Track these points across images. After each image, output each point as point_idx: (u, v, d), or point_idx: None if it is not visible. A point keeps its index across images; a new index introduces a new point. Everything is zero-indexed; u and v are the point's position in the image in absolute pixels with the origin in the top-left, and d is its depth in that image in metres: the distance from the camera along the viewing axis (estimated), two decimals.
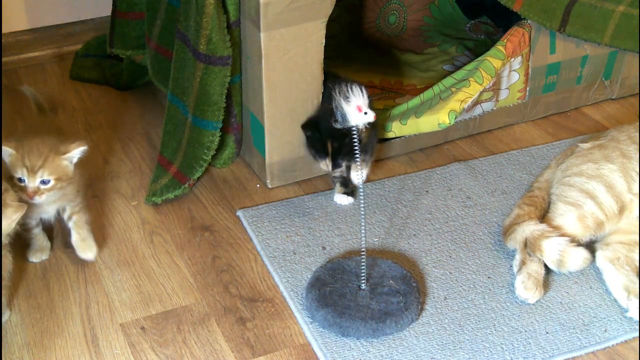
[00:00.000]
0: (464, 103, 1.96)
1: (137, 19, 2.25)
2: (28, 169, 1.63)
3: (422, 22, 2.64)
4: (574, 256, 1.71)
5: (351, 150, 1.75)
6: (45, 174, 1.64)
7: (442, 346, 1.60)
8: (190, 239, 1.87)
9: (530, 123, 2.28)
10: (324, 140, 1.83)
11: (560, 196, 1.83)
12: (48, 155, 1.65)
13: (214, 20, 1.81)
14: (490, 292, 1.73)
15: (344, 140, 1.79)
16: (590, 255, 1.73)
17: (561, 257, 1.71)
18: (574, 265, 1.72)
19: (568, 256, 1.71)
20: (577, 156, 1.89)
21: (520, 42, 2.09)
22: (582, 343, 1.61)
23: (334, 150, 1.83)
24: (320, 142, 1.85)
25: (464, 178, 2.05)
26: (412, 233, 1.88)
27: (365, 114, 1.50)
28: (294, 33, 1.83)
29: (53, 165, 1.65)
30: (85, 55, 2.54)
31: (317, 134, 1.85)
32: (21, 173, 1.63)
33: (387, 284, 1.69)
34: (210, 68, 1.86)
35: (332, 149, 1.83)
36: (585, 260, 1.72)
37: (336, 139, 1.81)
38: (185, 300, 1.71)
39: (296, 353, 1.60)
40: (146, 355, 1.59)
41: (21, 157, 1.63)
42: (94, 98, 2.40)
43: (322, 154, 1.86)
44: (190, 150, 1.96)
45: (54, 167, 1.65)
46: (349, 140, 1.75)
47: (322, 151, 1.85)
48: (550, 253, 1.71)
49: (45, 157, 1.64)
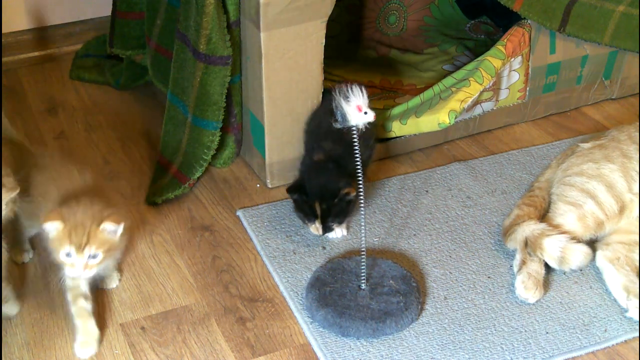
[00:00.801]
0: (464, 103, 1.96)
1: (137, 19, 2.25)
2: (76, 246, 1.50)
3: (422, 22, 2.64)
4: (576, 252, 1.71)
5: (342, 211, 1.77)
6: (93, 249, 1.51)
7: (442, 346, 1.60)
8: (190, 239, 1.87)
9: (530, 123, 2.28)
10: (311, 202, 1.77)
11: (560, 196, 1.83)
12: (92, 229, 1.50)
13: (214, 20, 1.81)
14: (490, 292, 1.73)
15: (332, 200, 1.75)
16: (591, 250, 1.73)
17: (563, 254, 1.70)
18: (576, 262, 1.71)
19: (570, 252, 1.70)
20: (578, 156, 1.89)
21: (520, 42, 2.09)
22: (582, 343, 1.61)
23: (323, 212, 1.76)
24: (308, 205, 1.77)
25: (464, 178, 2.05)
26: (412, 233, 1.88)
27: (365, 113, 1.50)
28: (294, 33, 1.83)
29: (99, 239, 1.51)
30: (85, 55, 2.54)
31: (304, 196, 1.77)
32: (69, 249, 1.50)
33: (387, 284, 1.69)
34: (210, 68, 1.86)
35: (321, 210, 1.76)
36: (586, 255, 1.71)
37: (324, 200, 1.75)
38: (185, 300, 1.71)
39: (296, 353, 1.60)
40: (146, 355, 1.59)
41: (68, 233, 1.50)
42: (94, 98, 2.40)
43: (311, 217, 1.78)
44: (191, 150, 1.96)
45: (100, 241, 1.51)
46: (338, 200, 1.75)
47: (310, 214, 1.78)
48: (552, 250, 1.71)
49: (89, 231, 1.50)
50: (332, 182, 1.75)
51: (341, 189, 1.73)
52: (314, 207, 1.76)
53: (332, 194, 1.74)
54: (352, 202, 1.77)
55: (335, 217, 1.77)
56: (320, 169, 1.80)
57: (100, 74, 2.46)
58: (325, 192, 1.75)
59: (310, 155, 1.86)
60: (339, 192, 1.74)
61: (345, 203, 1.76)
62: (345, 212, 1.79)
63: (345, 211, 1.78)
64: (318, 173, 1.79)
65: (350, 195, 1.74)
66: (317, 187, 1.76)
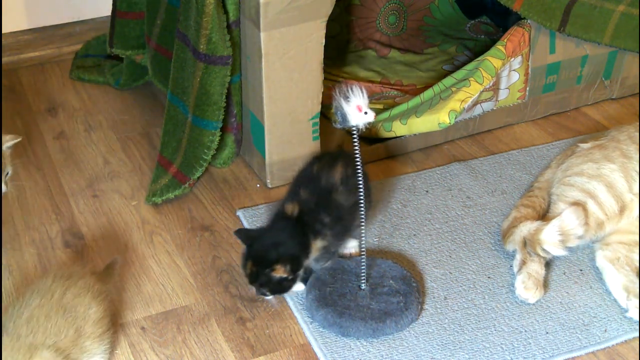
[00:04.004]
0: (464, 103, 1.96)
1: (137, 19, 2.25)
2: None
3: (422, 22, 2.64)
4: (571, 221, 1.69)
5: (270, 283, 1.60)
6: None
7: (442, 346, 1.60)
8: (190, 239, 1.87)
9: (530, 123, 2.27)
10: (246, 257, 1.64)
11: (560, 196, 1.83)
12: None
13: (214, 20, 1.81)
14: (490, 292, 1.73)
15: (263, 270, 1.60)
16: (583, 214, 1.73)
17: (561, 234, 1.69)
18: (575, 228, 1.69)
19: (566, 226, 1.69)
20: (578, 156, 1.89)
21: (520, 42, 2.09)
22: (582, 343, 1.61)
23: (252, 275, 1.62)
24: (244, 257, 1.64)
25: (464, 178, 2.05)
26: (412, 233, 1.88)
27: (365, 113, 1.50)
28: (294, 33, 1.83)
29: None
30: (85, 55, 2.54)
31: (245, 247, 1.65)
32: None
33: (387, 284, 1.69)
34: (210, 68, 1.86)
35: (251, 272, 1.62)
36: (581, 216, 1.70)
37: (256, 265, 1.61)
38: (185, 300, 1.71)
39: (296, 353, 1.60)
40: (146, 355, 1.59)
41: None
42: (94, 98, 2.40)
43: (244, 269, 1.65)
44: (191, 150, 1.96)
45: None
46: (269, 273, 1.59)
47: (243, 267, 1.65)
48: (551, 238, 1.69)
49: None
50: (273, 252, 1.61)
51: (274, 263, 1.59)
52: (246, 264, 1.63)
53: (265, 264, 1.60)
54: (284, 281, 1.61)
55: (263, 286, 1.62)
56: (279, 227, 1.65)
57: (100, 74, 2.46)
58: (260, 258, 1.61)
59: (284, 202, 1.71)
60: (271, 265, 1.59)
61: (276, 279, 1.61)
62: (276, 289, 1.63)
63: (276, 288, 1.63)
64: (272, 230, 1.65)
65: (277, 276, 1.60)
66: (258, 248, 1.62)
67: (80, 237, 1.87)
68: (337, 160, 1.71)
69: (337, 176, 1.68)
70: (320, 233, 1.66)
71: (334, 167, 1.69)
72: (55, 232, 1.88)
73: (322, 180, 1.69)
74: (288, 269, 1.60)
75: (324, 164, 1.72)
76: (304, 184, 1.71)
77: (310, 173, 1.72)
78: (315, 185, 1.69)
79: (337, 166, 1.69)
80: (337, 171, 1.69)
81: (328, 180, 1.68)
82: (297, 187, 1.72)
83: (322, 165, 1.72)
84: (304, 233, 1.65)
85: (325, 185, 1.68)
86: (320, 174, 1.70)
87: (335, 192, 1.68)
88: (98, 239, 1.86)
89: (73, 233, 1.88)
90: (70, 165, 2.11)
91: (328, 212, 1.66)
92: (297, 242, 1.64)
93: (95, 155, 2.15)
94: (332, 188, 1.68)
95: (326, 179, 1.69)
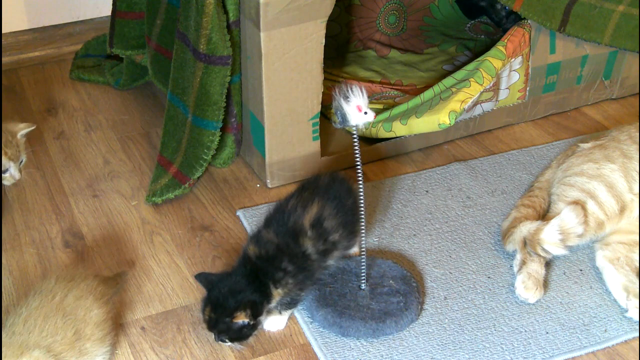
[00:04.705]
0: (465, 103, 1.96)
1: (137, 19, 2.25)
2: None
3: (422, 22, 2.64)
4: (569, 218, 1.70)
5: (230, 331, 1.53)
6: None
7: (442, 346, 1.60)
8: (190, 239, 1.87)
9: (530, 123, 2.28)
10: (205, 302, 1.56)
11: (560, 196, 1.83)
12: None
13: (214, 20, 1.81)
14: (490, 292, 1.73)
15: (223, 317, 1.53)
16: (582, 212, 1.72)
17: (562, 234, 1.69)
18: (574, 226, 1.69)
19: (566, 224, 1.69)
20: (578, 156, 1.89)
21: (521, 42, 2.09)
22: (582, 343, 1.61)
23: (210, 321, 1.55)
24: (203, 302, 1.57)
25: (464, 178, 2.05)
26: (412, 233, 1.88)
27: (365, 113, 1.50)
28: (294, 33, 1.83)
29: None
30: (85, 55, 2.54)
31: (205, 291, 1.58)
32: None
33: (387, 284, 1.69)
34: (210, 68, 1.86)
35: (209, 318, 1.55)
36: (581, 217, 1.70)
37: (214, 311, 1.54)
38: (185, 300, 1.71)
39: (296, 353, 1.60)
40: (146, 355, 1.59)
41: None
42: (94, 98, 2.40)
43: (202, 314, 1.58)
44: (191, 150, 1.96)
45: None
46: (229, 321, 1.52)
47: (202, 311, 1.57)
48: (552, 237, 1.69)
49: None
50: (232, 299, 1.53)
51: (234, 311, 1.52)
52: (204, 309, 1.56)
53: (223, 311, 1.53)
54: (245, 328, 1.54)
55: (222, 334, 1.55)
56: (240, 272, 1.57)
57: (100, 74, 2.46)
58: (219, 304, 1.53)
59: (249, 243, 1.62)
60: (231, 313, 1.52)
61: (236, 327, 1.54)
62: (236, 337, 1.55)
63: (236, 336, 1.55)
64: (234, 275, 1.57)
65: (239, 323, 1.52)
66: (216, 294, 1.55)
67: (80, 237, 1.87)
68: (315, 197, 1.62)
69: (309, 218, 1.59)
70: (281, 282, 1.57)
71: (307, 207, 1.60)
72: (55, 232, 1.88)
73: (290, 221, 1.59)
74: (249, 313, 1.52)
75: (298, 201, 1.61)
76: (271, 222, 1.62)
77: (283, 210, 1.62)
78: (282, 226, 1.60)
79: (313, 205, 1.61)
80: (310, 212, 1.60)
81: (297, 222, 1.59)
82: (265, 225, 1.63)
83: (296, 202, 1.61)
84: (262, 281, 1.55)
85: (292, 228, 1.59)
86: (291, 213, 1.60)
87: (303, 236, 1.58)
88: (98, 239, 1.86)
89: (73, 233, 1.88)
90: (70, 165, 2.11)
91: (291, 260, 1.57)
92: (255, 289, 1.55)
93: (95, 155, 2.15)
94: (299, 232, 1.58)
95: (295, 220, 1.59)
